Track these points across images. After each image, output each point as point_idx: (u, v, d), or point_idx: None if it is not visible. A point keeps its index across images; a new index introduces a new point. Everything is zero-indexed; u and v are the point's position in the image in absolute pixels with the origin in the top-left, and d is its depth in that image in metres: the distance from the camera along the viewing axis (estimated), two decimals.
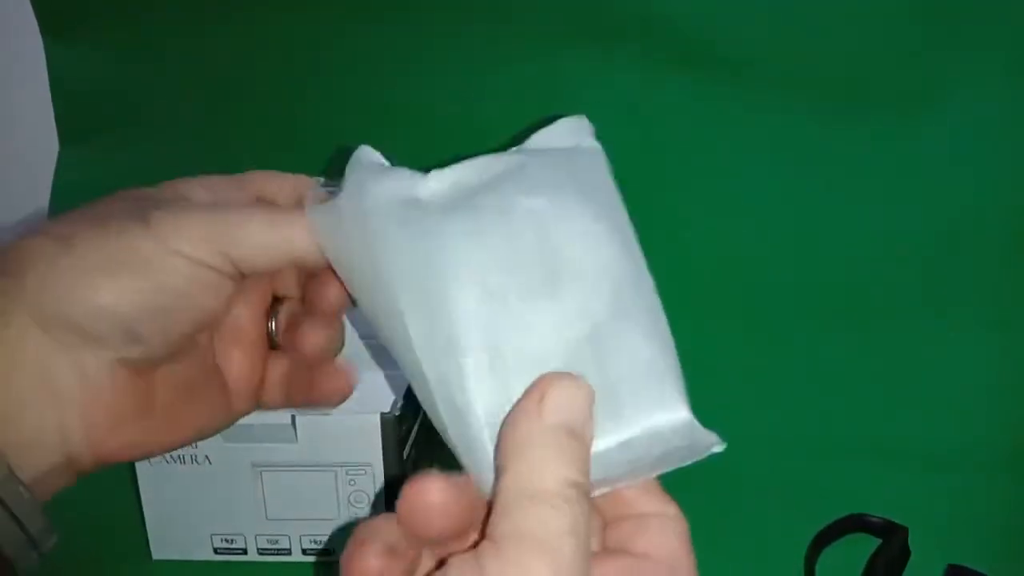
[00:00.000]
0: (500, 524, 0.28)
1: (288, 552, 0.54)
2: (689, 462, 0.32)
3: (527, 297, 0.32)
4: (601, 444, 0.31)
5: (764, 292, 0.60)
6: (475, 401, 0.31)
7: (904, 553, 0.52)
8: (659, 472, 0.32)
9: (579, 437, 0.30)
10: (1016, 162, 0.58)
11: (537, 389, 0.30)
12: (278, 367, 0.40)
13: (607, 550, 0.32)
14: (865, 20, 0.60)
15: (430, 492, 0.30)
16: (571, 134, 0.38)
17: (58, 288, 0.33)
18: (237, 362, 0.39)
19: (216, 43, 0.64)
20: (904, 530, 0.52)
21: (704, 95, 0.61)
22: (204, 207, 0.36)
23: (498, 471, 0.29)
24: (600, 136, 0.62)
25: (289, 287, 0.41)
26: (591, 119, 0.62)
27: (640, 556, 0.31)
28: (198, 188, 0.39)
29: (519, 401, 0.30)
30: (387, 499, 0.53)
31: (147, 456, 0.38)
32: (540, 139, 0.37)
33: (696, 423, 0.31)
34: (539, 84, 0.63)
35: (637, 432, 0.31)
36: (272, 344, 0.40)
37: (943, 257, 0.58)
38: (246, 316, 0.39)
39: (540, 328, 0.32)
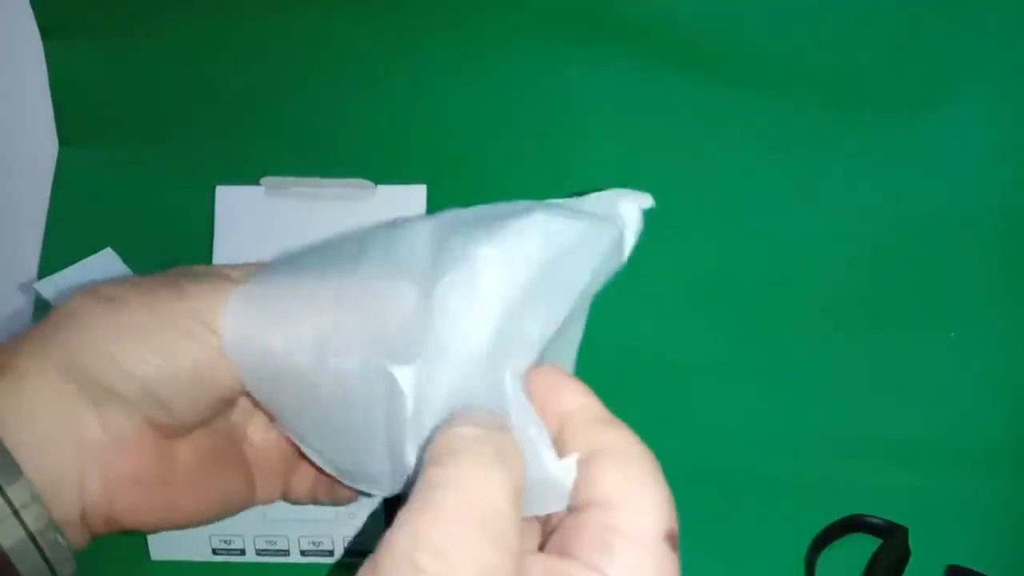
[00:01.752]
0: None
1: (287, 553, 0.54)
2: None
3: None
4: None
5: (764, 291, 0.60)
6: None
7: (904, 553, 0.52)
8: None
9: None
10: (1016, 162, 0.58)
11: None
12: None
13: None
14: (865, 20, 0.60)
15: None
16: (618, 203, 0.38)
17: (95, 348, 0.34)
18: (262, 446, 0.40)
19: (217, 44, 0.64)
20: (904, 530, 0.52)
21: (704, 95, 0.61)
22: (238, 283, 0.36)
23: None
24: (600, 135, 0.62)
25: None
26: (591, 119, 0.62)
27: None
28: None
29: None
30: (385, 500, 0.53)
31: (163, 526, 0.38)
32: (591, 200, 0.38)
33: None
34: (539, 84, 0.63)
35: None
36: None
37: (943, 257, 0.58)
38: None
39: None
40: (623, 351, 0.60)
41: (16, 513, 0.33)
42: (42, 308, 0.61)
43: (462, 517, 0.26)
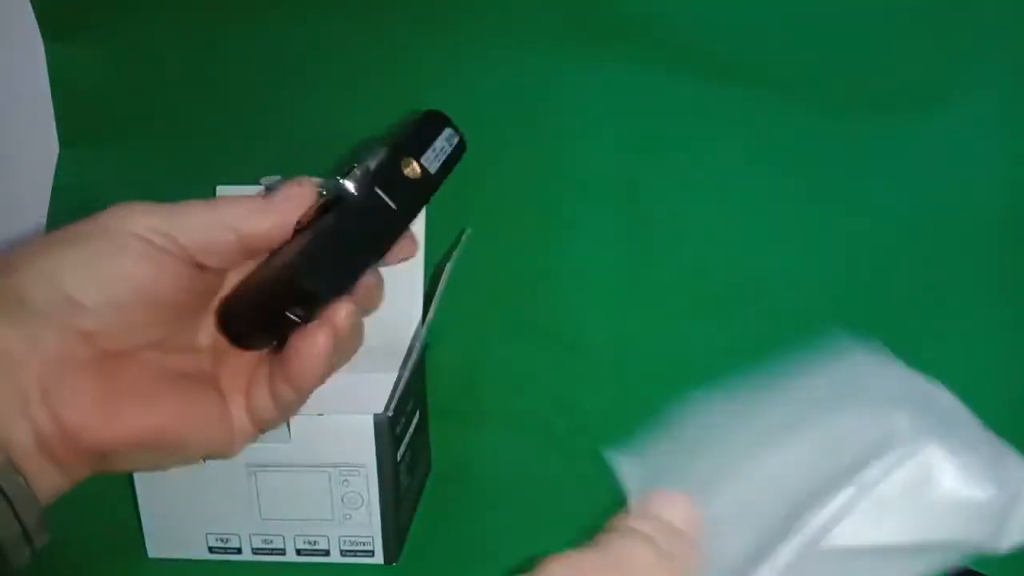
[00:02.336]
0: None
1: (283, 552, 0.54)
2: None
3: None
4: None
5: (764, 291, 0.60)
6: None
7: None
8: None
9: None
10: (1016, 162, 0.58)
11: None
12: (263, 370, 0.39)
13: None
14: (865, 20, 0.59)
15: None
16: None
17: (14, 266, 0.34)
18: (235, 365, 0.39)
19: (216, 44, 0.64)
20: None
21: (704, 95, 0.61)
22: (154, 202, 0.36)
23: None
24: (600, 136, 0.62)
25: None
26: (590, 119, 0.62)
27: None
28: None
29: None
30: (381, 501, 0.53)
31: (130, 449, 0.37)
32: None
33: None
34: (538, 84, 0.63)
35: None
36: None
37: (943, 257, 0.58)
38: None
39: None
40: (623, 351, 0.60)
41: None
42: None
43: None
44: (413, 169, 0.37)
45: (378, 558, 0.54)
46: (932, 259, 0.58)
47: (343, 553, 0.54)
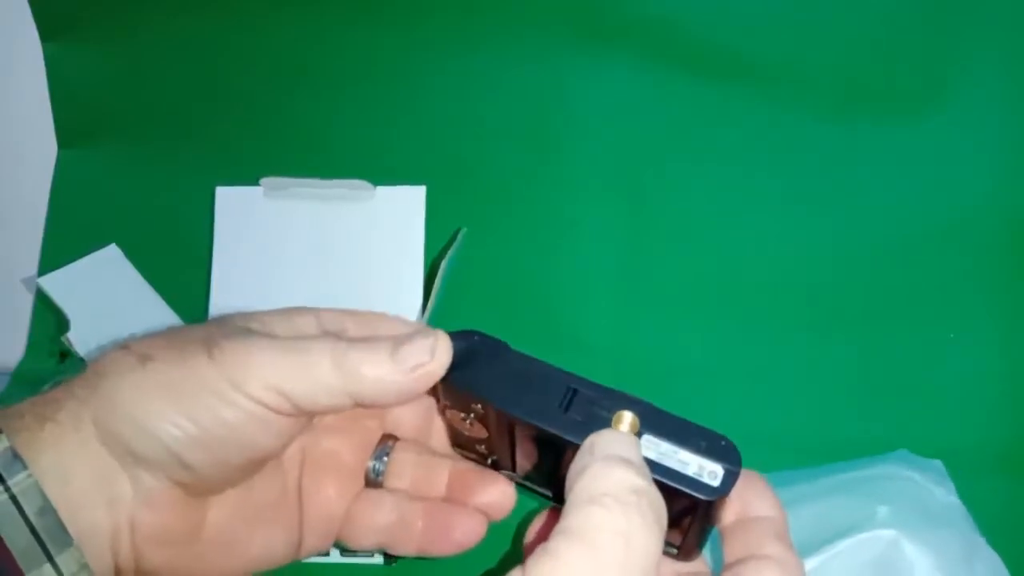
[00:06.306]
0: (557, 525, 0.29)
1: None
2: None
3: None
4: None
5: (764, 292, 0.60)
6: None
7: None
8: None
9: (631, 462, 0.31)
10: (1016, 162, 0.58)
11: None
12: (384, 509, 0.40)
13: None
14: (865, 20, 0.60)
15: None
16: None
17: (121, 410, 0.34)
18: (324, 495, 0.39)
19: (216, 44, 0.64)
20: None
21: (704, 95, 0.61)
22: (272, 343, 0.35)
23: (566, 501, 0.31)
24: (599, 136, 0.62)
25: (405, 428, 0.41)
26: (591, 119, 0.63)
27: None
28: (298, 318, 0.38)
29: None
30: None
31: None
32: None
33: None
34: (539, 84, 0.63)
35: None
36: (370, 483, 0.40)
37: (943, 257, 0.58)
38: (345, 449, 0.39)
39: None
40: (623, 351, 0.60)
41: None
42: (43, 304, 0.61)
43: (629, 568, 0.29)
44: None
45: (377, 558, 0.54)
46: (932, 258, 0.58)
47: (343, 553, 0.54)
